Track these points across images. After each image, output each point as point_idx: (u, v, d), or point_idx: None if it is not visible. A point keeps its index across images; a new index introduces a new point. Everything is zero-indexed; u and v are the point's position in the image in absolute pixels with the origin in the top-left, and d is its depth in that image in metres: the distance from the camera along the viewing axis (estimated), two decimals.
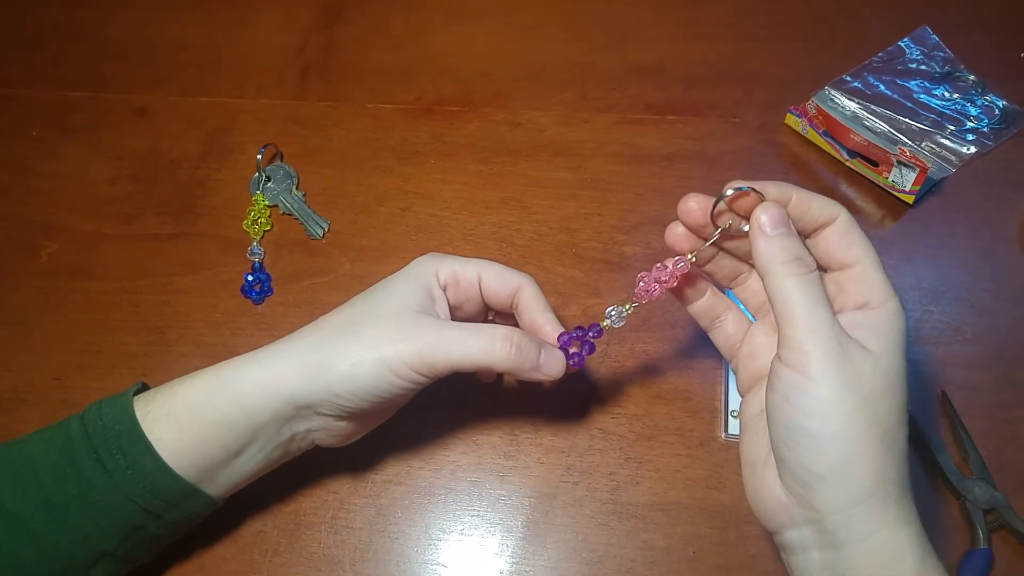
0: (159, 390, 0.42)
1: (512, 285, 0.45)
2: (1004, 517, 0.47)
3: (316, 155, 0.62)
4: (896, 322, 0.36)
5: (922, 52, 0.66)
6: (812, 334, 0.34)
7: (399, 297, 0.42)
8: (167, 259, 0.58)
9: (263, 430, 0.41)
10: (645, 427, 0.51)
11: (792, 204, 0.37)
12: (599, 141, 0.62)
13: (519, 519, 0.48)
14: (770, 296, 0.36)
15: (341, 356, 0.40)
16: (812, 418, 0.34)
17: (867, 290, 0.36)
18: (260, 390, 0.40)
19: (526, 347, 0.41)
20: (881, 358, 0.35)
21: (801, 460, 0.35)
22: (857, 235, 0.37)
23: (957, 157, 0.61)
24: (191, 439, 0.40)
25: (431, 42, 0.68)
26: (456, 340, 0.40)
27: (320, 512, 0.49)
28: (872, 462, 0.33)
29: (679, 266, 0.41)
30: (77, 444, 0.39)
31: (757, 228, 0.37)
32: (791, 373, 0.35)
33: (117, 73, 0.67)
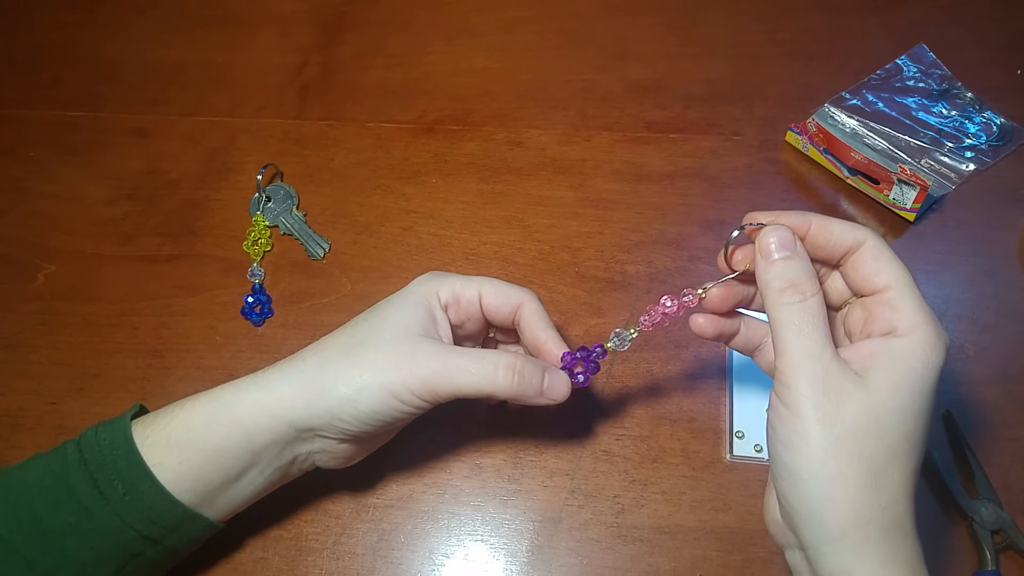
0: (158, 414, 0.41)
1: (513, 302, 0.44)
2: (1012, 538, 0.46)
3: (316, 175, 0.62)
4: (919, 354, 0.34)
5: (919, 69, 0.65)
6: (797, 367, 0.34)
7: (401, 319, 0.41)
8: (166, 281, 0.57)
9: (264, 453, 0.40)
10: (650, 448, 0.50)
11: (812, 232, 0.37)
12: (600, 159, 0.62)
13: (523, 544, 0.47)
14: (770, 324, 0.36)
15: (344, 380, 0.39)
16: (788, 451, 0.33)
17: (894, 317, 0.35)
18: (262, 412, 0.39)
19: (529, 373, 0.40)
20: (878, 392, 0.33)
21: (781, 490, 0.34)
22: (888, 259, 0.36)
23: (956, 174, 0.60)
24: (191, 463, 0.39)
25: (430, 61, 0.68)
26: (459, 367, 0.39)
27: (322, 538, 0.47)
28: (848, 502, 0.32)
29: (685, 299, 0.41)
30: (73, 470, 0.38)
31: (759, 253, 0.36)
32: (778, 404, 0.34)
33: (115, 93, 0.66)
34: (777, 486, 0.35)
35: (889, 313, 0.35)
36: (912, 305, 0.35)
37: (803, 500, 0.33)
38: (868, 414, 0.33)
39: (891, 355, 0.34)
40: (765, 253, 0.36)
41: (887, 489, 0.32)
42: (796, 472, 0.33)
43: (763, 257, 0.36)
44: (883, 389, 0.33)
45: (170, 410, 0.40)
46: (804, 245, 0.37)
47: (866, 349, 0.35)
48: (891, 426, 0.33)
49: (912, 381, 0.33)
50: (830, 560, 0.32)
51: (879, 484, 0.32)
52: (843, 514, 0.32)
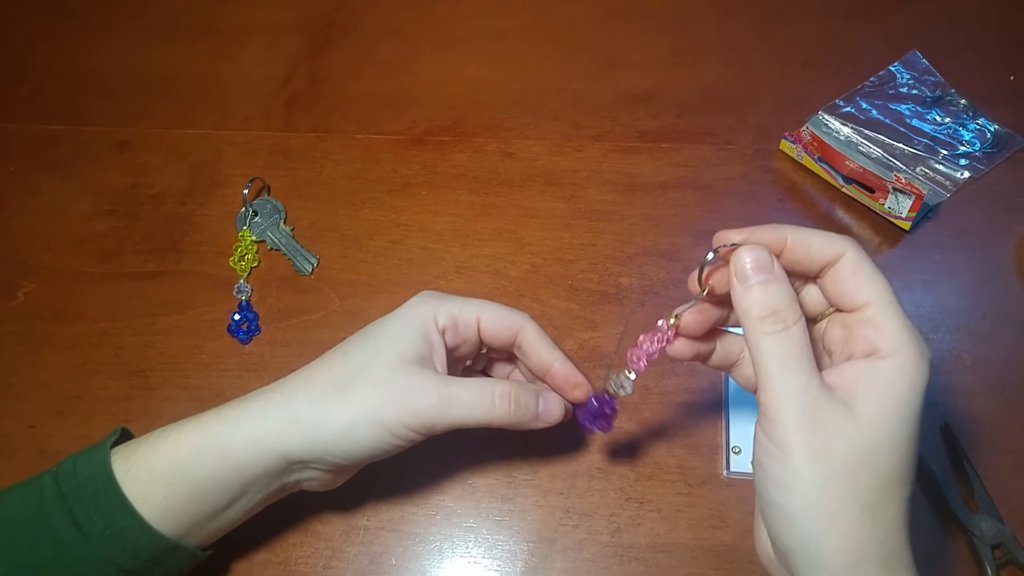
0: (140, 444, 0.39)
1: (514, 327, 0.43)
2: (1012, 552, 0.46)
3: (304, 188, 0.60)
4: (906, 377, 0.32)
5: (912, 76, 0.65)
6: (784, 403, 0.32)
7: (396, 347, 0.40)
8: (150, 298, 0.55)
9: (254, 483, 0.39)
10: (645, 465, 0.49)
11: (789, 246, 0.35)
12: (592, 170, 0.61)
13: (518, 565, 0.46)
14: (749, 352, 0.34)
15: (338, 416, 0.38)
16: (780, 490, 0.32)
17: (876, 336, 0.33)
18: (254, 446, 0.38)
19: (524, 400, 0.40)
20: (869, 424, 0.31)
21: (772, 528, 0.33)
22: (868, 274, 0.34)
23: (951, 182, 0.59)
24: (178, 497, 0.38)
25: (420, 70, 0.67)
26: (455, 399, 0.39)
27: (311, 561, 0.46)
28: (844, 539, 0.31)
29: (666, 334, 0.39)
30: (50, 505, 0.37)
31: (735, 277, 0.34)
32: (766, 440, 0.33)
33: (98, 106, 0.65)
34: (768, 524, 0.33)
35: (871, 332, 0.33)
36: (894, 324, 0.33)
37: (798, 540, 0.32)
38: (860, 447, 0.31)
39: (877, 380, 0.32)
40: (741, 276, 0.34)
41: (883, 523, 0.31)
42: (790, 512, 0.32)
43: (739, 281, 0.34)
44: (873, 419, 0.32)
45: (152, 442, 0.39)
46: (781, 261, 0.35)
47: (850, 373, 0.33)
48: (883, 457, 0.31)
49: (900, 407, 0.32)
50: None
51: (875, 518, 0.31)
52: (841, 552, 0.31)
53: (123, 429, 0.42)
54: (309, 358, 0.52)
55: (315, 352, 0.52)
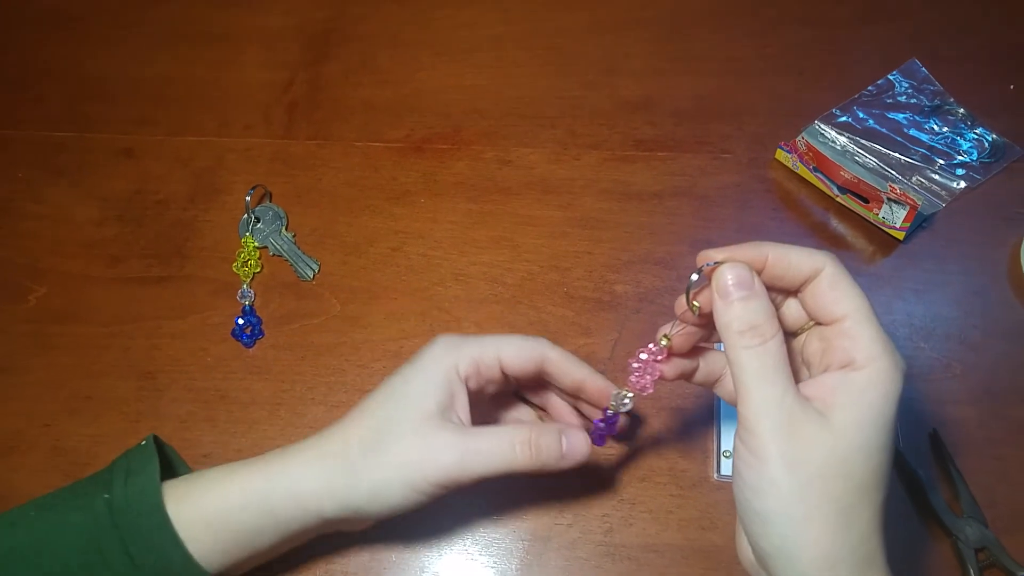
0: (190, 487, 0.44)
1: (536, 358, 0.47)
2: (995, 556, 0.50)
3: (305, 195, 0.66)
4: (880, 387, 0.36)
5: (911, 85, 0.70)
6: (760, 414, 0.36)
7: (419, 405, 0.44)
8: (156, 302, 0.61)
9: (291, 535, 0.45)
10: (638, 467, 0.55)
11: (770, 262, 0.38)
12: (589, 178, 0.67)
13: (513, 562, 0.52)
14: (729, 365, 0.38)
15: (367, 477, 0.43)
16: (757, 497, 0.36)
17: (852, 348, 0.37)
18: (292, 504, 0.44)
19: (546, 444, 0.44)
20: (844, 433, 0.35)
21: (751, 534, 0.37)
22: (846, 288, 0.38)
23: (947, 192, 0.65)
24: (224, 542, 0.43)
25: (419, 78, 0.73)
26: (477, 453, 0.43)
27: (314, 558, 0.52)
28: (820, 543, 0.35)
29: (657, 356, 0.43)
30: (105, 535, 0.42)
31: (716, 293, 0.38)
32: (744, 449, 0.37)
33: (102, 113, 0.71)
34: (747, 530, 0.38)
35: (847, 344, 0.37)
36: (869, 335, 0.37)
37: (775, 544, 0.36)
38: (834, 455, 0.35)
39: (851, 390, 0.36)
40: (722, 293, 0.38)
41: (857, 527, 0.35)
42: (766, 517, 0.36)
43: (720, 297, 0.38)
44: (847, 428, 0.35)
45: (204, 484, 0.44)
46: (762, 276, 0.39)
47: (826, 385, 0.37)
48: (857, 465, 0.35)
49: (874, 416, 0.36)
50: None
51: (849, 523, 0.35)
52: (816, 556, 0.35)
53: (156, 442, 0.47)
54: (311, 362, 0.59)
55: (316, 355, 0.59)
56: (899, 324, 0.60)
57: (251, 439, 0.56)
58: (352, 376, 0.58)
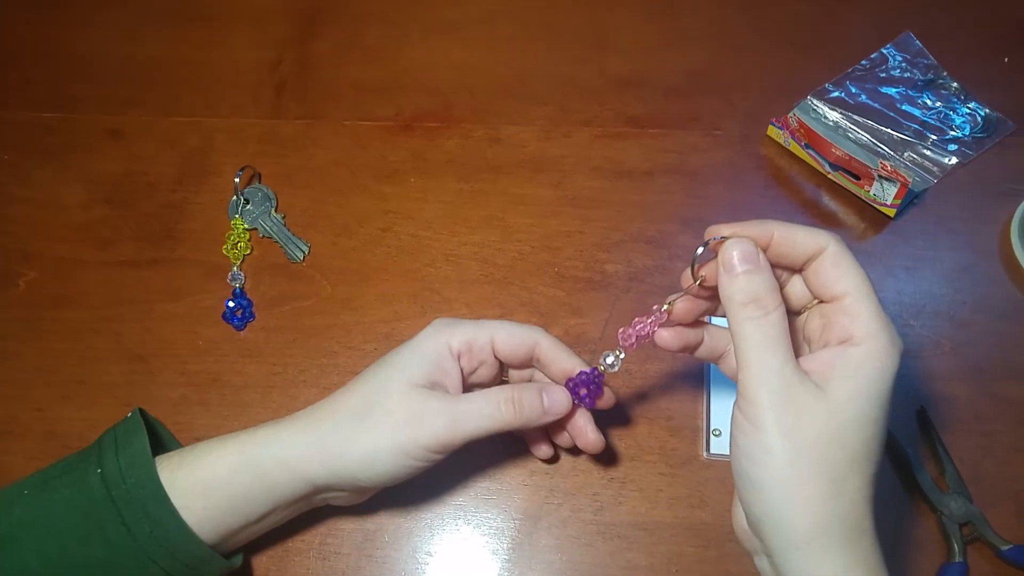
0: (183, 458, 0.45)
1: (528, 342, 0.48)
2: (980, 530, 0.52)
3: (294, 175, 0.66)
4: (875, 362, 0.37)
5: (905, 59, 0.70)
6: (759, 383, 0.37)
7: (408, 374, 0.45)
8: (147, 286, 0.62)
9: (283, 502, 0.46)
10: (628, 446, 0.55)
11: (775, 240, 0.40)
12: (580, 156, 0.66)
13: (505, 541, 0.53)
14: (732, 336, 0.39)
15: (359, 443, 0.44)
16: (752, 464, 0.37)
17: (851, 325, 0.38)
18: (283, 470, 0.44)
19: (528, 400, 0.46)
20: (839, 404, 0.37)
21: (745, 501, 0.39)
22: (848, 266, 0.39)
23: (939, 168, 0.65)
24: (215, 508, 0.44)
25: (408, 56, 0.72)
26: (466, 414, 0.44)
27: (308, 538, 0.53)
28: (811, 510, 0.36)
29: (658, 316, 0.44)
30: (101, 507, 0.43)
31: (722, 267, 0.40)
32: (741, 418, 0.38)
33: (88, 93, 0.71)
34: (742, 497, 0.39)
35: (846, 321, 0.38)
36: (868, 313, 0.38)
37: (767, 510, 0.37)
38: (829, 425, 0.36)
39: (848, 364, 0.37)
40: (728, 267, 0.39)
41: (848, 496, 0.36)
42: (760, 483, 0.37)
43: (726, 271, 0.39)
44: (842, 400, 0.37)
45: (196, 456, 0.45)
46: (767, 254, 0.40)
47: (824, 359, 0.38)
48: (850, 435, 0.36)
49: (869, 389, 0.37)
50: (795, 566, 0.37)
51: (840, 491, 0.36)
52: (806, 522, 0.36)
53: (142, 416, 0.47)
54: (302, 343, 0.59)
55: (308, 337, 0.59)
56: (889, 301, 0.60)
57: (244, 422, 0.56)
58: (344, 358, 0.59)
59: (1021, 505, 0.53)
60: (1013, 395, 0.57)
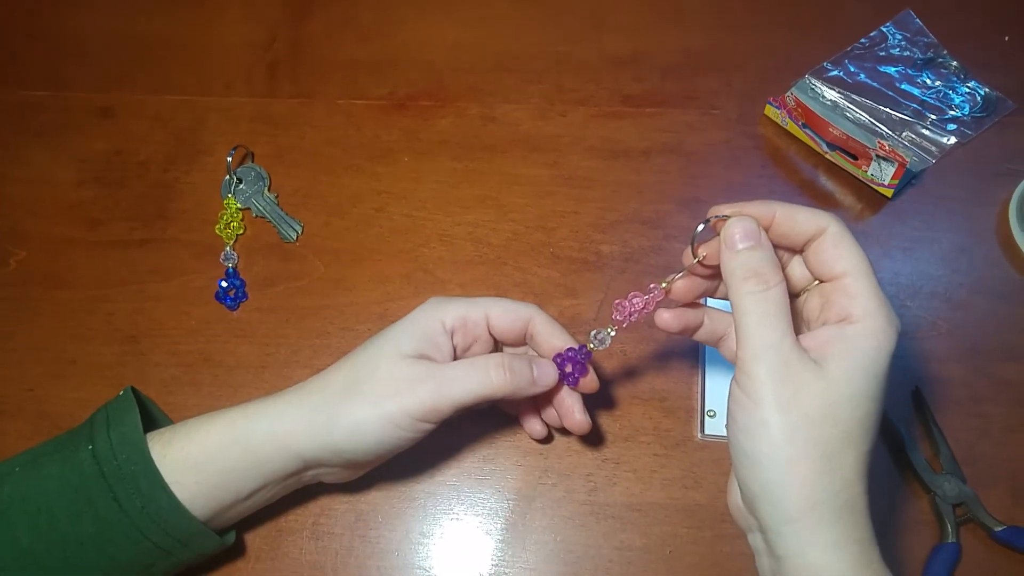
0: (175, 434, 0.45)
1: (523, 318, 0.48)
2: (973, 511, 0.51)
3: (287, 155, 0.65)
4: (873, 340, 0.37)
5: (904, 37, 0.69)
6: (757, 356, 0.37)
7: (396, 345, 0.45)
8: (139, 266, 0.61)
9: (272, 477, 0.45)
10: (622, 428, 0.55)
11: (776, 220, 0.40)
12: (575, 135, 0.66)
13: (498, 522, 0.52)
14: (733, 312, 0.39)
15: (345, 415, 0.43)
16: (749, 438, 0.37)
17: (850, 304, 0.38)
18: (272, 444, 0.44)
19: (519, 367, 0.45)
20: (835, 380, 0.37)
21: (741, 476, 0.39)
22: (847, 247, 0.39)
23: (937, 148, 0.64)
24: (207, 483, 0.44)
25: (402, 34, 0.71)
26: (453, 380, 0.44)
27: (301, 519, 0.52)
28: (804, 485, 0.36)
29: (655, 293, 0.44)
30: (92, 483, 0.43)
31: (724, 244, 0.40)
32: (739, 392, 0.38)
33: (79, 71, 0.70)
34: (737, 472, 0.39)
35: (845, 300, 0.39)
36: (867, 292, 0.38)
37: (761, 484, 0.37)
38: (824, 401, 0.36)
39: (845, 341, 0.38)
40: (729, 243, 0.40)
41: (841, 472, 0.36)
42: (755, 458, 0.37)
43: (728, 247, 0.40)
44: (839, 376, 0.37)
45: (187, 431, 0.45)
46: (769, 233, 0.41)
47: (823, 336, 0.38)
48: (845, 412, 0.37)
49: (865, 367, 0.37)
50: (786, 541, 0.37)
51: (833, 468, 0.36)
52: (799, 496, 0.36)
53: (134, 395, 0.47)
54: (295, 324, 0.59)
55: (301, 318, 0.59)
56: (886, 282, 0.59)
57: (236, 402, 0.53)
58: (337, 339, 0.58)
59: (1015, 486, 0.53)
60: (1009, 376, 0.56)
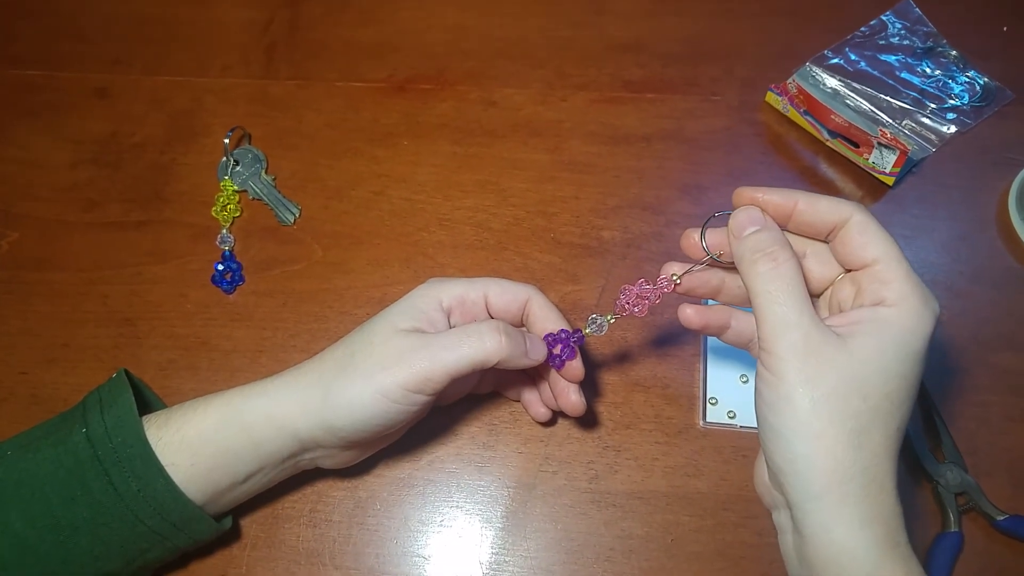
0: (170, 416, 0.43)
1: (521, 298, 0.46)
2: (975, 500, 0.49)
3: (285, 137, 0.62)
4: (907, 321, 0.36)
5: (904, 26, 0.66)
6: (778, 333, 0.36)
7: (392, 323, 0.43)
8: (135, 248, 0.58)
9: (269, 459, 0.43)
10: (624, 415, 0.53)
11: (799, 209, 0.39)
12: (576, 121, 0.63)
13: (498, 509, 0.50)
14: (750, 298, 0.38)
15: (339, 391, 0.41)
16: (773, 413, 0.36)
17: (883, 289, 0.37)
18: (268, 423, 0.42)
19: (513, 334, 0.43)
20: (862, 356, 0.35)
21: (767, 450, 0.37)
22: (875, 233, 0.38)
23: (937, 136, 0.62)
24: (203, 466, 0.42)
25: (402, 16, 0.68)
26: (446, 347, 0.41)
27: (299, 505, 0.50)
28: (831, 459, 0.34)
29: (664, 284, 0.43)
30: (87, 467, 0.41)
31: (732, 235, 0.39)
32: (763, 369, 0.37)
33: (74, 51, 0.66)
34: (764, 447, 0.38)
35: (878, 286, 0.37)
36: (900, 277, 0.37)
37: (787, 459, 0.35)
38: (850, 375, 0.35)
39: (877, 322, 0.36)
40: (737, 232, 0.39)
41: (869, 448, 0.35)
42: (781, 432, 0.36)
43: (735, 236, 0.39)
44: (866, 351, 0.35)
45: (182, 414, 0.43)
46: (791, 222, 0.40)
47: (853, 316, 0.37)
48: (874, 386, 0.35)
49: (896, 345, 0.36)
50: (813, 518, 0.35)
51: (861, 443, 0.35)
52: (825, 471, 0.34)
53: (127, 377, 0.45)
54: (293, 308, 0.56)
55: (298, 302, 0.56)
56: None
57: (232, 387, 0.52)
58: (335, 323, 0.55)
59: (1016, 475, 0.51)
60: (1009, 365, 0.54)
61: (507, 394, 0.52)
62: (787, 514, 0.38)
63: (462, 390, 0.49)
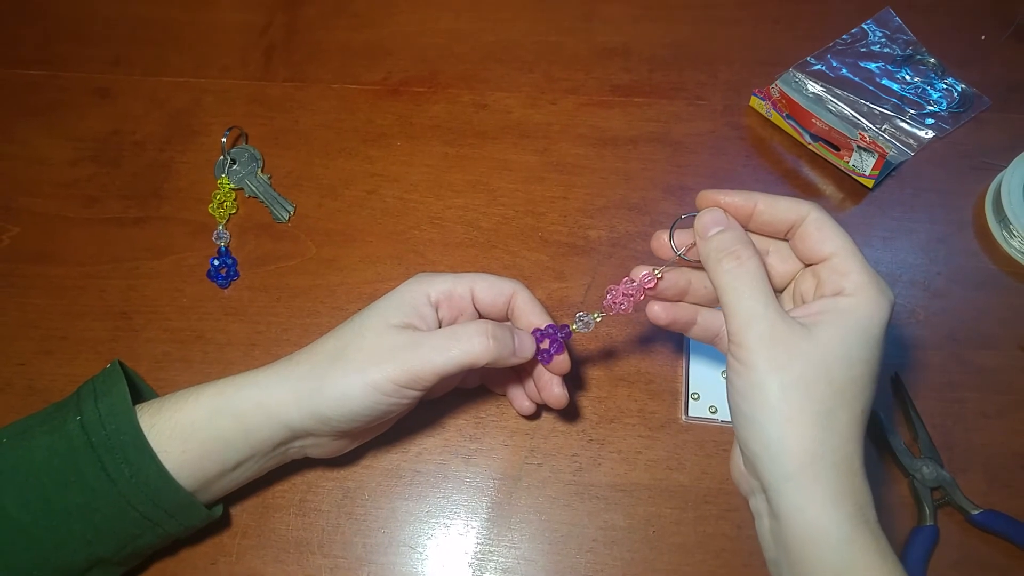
0: (163, 404, 0.42)
1: (506, 293, 0.46)
2: (950, 495, 0.49)
3: (281, 137, 0.62)
4: (864, 308, 0.37)
5: (884, 34, 0.66)
6: (745, 326, 0.37)
7: (383, 316, 0.43)
8: (132, 243, 0.57)
9: (260, 447, 0.43)
10: (608, 409, 0.52)
11: (759, 209, 0.40)
12: (565, 123, 0.62)
13: (484, 500, 0.49)
14: (718, 295, 0.39)
15: (331, 383, 0.41)
16: (746, 401, 0.37)
17: (841, 280, 0.38)
18: (260, 412, 0.42)
19: (501, 335, 0.42)
20: (825, 342, 0.36)
21: (742, 438, 0.38)
22: (831, 230, 0.39)
23: (916, 141, 0.61)
24: (194, 453, 0.41)
25: (396, 21, 0.67)
26: (435, 347, 0.41)
27: (288, 495, 0.49)
28: (801, 441, 0.35)
29: (647, 281, 0.43)
30: (80, 453, 0.40)
31: (698, 236, 0.40)
32: (734, 360, 0.37)
33: (76, 51, 0.65)
34: (738, 435, 0.38)
35: (837, 277, 0.38)
36: (856, 268, 0.38)
37: (761, 443, 0.36)
38: (816, 361, 0.36)
39: (837, 309, 0.37)
40: (702, 233, 0.40)
41: (837, 429, 0.35)
42: (753, 418, 0.36)
43: (701, 237, 0.40)
44: (829, 339, 0.36)
45: (175, 402, 0.42)
46: (752, 222, 0.41)
47: (815, 307, 0.38)
48: (838, 371, 0.36)
49: (857, 331, 0.37)
50: (787, 498, 0.35)
51: (828, 425, 0.35)
52: (797, 452, 0.35)
53: (121, 368, 0.44)
54: (286, 303, 0.55)
55: (292, 297, 0.55)
56: None
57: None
58: (327, 318, 0.54)
59: (991, 471, 0.50)
60: (984, 363, 0.54)
61: (493, 388, 0.51)
62: (763, 498, 0.38)
63: (450, 385, 0.49)
